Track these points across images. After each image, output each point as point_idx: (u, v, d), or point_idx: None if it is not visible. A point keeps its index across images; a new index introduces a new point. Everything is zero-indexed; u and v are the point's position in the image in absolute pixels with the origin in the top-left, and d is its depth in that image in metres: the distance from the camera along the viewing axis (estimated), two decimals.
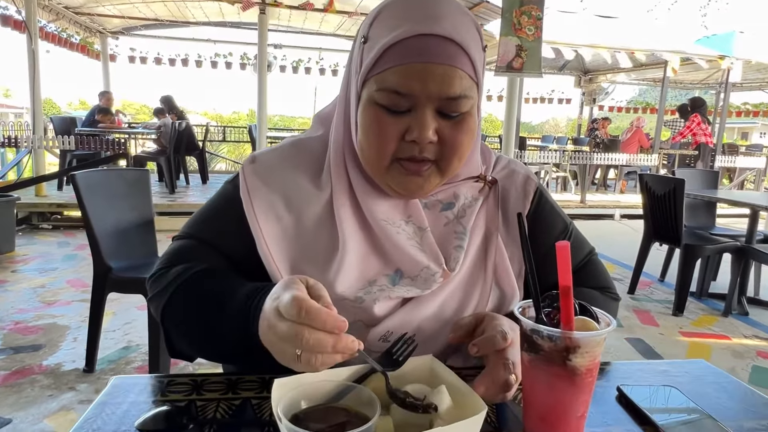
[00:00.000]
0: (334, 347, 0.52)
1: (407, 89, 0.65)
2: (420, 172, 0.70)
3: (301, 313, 0.51)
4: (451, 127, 0.69)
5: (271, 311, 0.56)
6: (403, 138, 0.68)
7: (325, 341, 0.51)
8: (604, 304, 0.82)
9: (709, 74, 10.22)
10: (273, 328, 0.54)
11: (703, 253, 3.45)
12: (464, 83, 0.67)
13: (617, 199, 7.90)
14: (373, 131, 0.69)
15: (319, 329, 0.52)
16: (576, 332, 0.52)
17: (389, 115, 0.67)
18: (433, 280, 0.73)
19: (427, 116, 0.66)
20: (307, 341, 0.51)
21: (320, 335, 0.51)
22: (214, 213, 0.80)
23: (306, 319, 0.51)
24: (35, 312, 3.11)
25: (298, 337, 0.51)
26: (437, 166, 0.71)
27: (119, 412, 0.59)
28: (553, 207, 0.86)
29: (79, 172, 2.25)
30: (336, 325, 0.52)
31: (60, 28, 7.73)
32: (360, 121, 0.70)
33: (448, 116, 0.68)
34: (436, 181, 0.72)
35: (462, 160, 0.72)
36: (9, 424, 1.97)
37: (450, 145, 0.69)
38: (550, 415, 0.55)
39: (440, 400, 0.55)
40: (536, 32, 4.91)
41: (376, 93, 0.67)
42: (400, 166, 0.70)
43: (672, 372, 0.75)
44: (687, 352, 2.93)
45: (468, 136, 0.70)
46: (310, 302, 0.52)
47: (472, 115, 0.70)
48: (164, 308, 0.72)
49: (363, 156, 0.72)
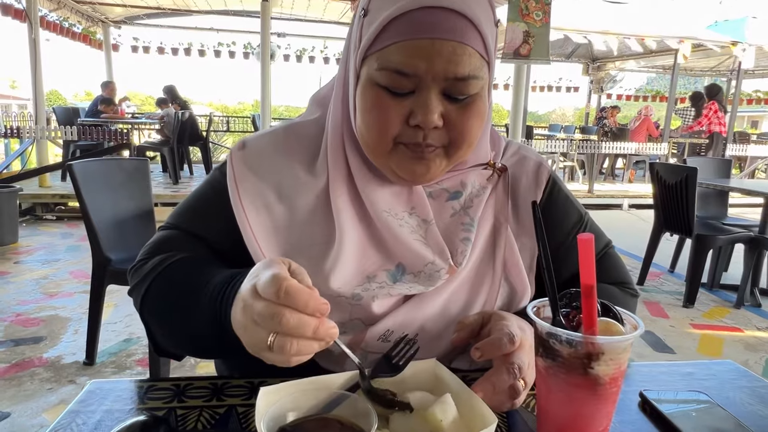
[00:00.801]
0: (314, 332, 0.46)
1: (411, 68, 0.59)
2: (425, 155, 0.64)
3: (280, 292, 0.45)
4: (459, 111, 0.62)
5: (247, 291, 0.49)
6: (406, 122, 0.62)
7: (306, 323, 0.45)
8: (623, 301, 0.75)
9: (720, 61, 10.03)
10: (248, 308, 0.48)
11: (715, 243, 3.37)
12: (474, 62, 0.60)
13: (625, 189, 7.78)
14: (373, 115, 0.62)
15: (300, 311, 0.46)
16: (599, 337, 0.45)
17: (391, 97, 0.61)
18: (438, 277, 0.67)
19: (432, 98, 0.60)
20: (287, 322, 0.45)
21: (301, 317, 0.45)
22: (200, 202, 0.75)
23: (286, 299, 0.45)
24: (37, 304, 3.08)
25: (276, 318, 0.45)
26: (444, 150, 0.65)
27: (91, 423, 0.54)
28: (568, 196, 0.80)
29: (76, 162, 2.20)
30: (318, 307, 0.46)
31: (62, 17, 7.66)
32: (359, 103, 0.64)
33: (456, 99, 0.62)
34: (442, 165, 0.66)
35: (471, 147, 0.66)
36: (7, 418, 1.95)
37: (458, 131, 0.63)
38: (568, 428, 0.49)
39: (445, 410, 0.49)
40: (544, 18, 4.80)
41: (376, 72, 0.61)
42: (405, 147, 0.64)
43: (698, 374, 0.69)
44: (698, 345, 2.87)
45: (477, 120, 0.63)
46: (291, 281, 0.46)
47: (482, 98, 0.63)
48: (142, 300, 0.67)
49: (363, 141, 0.66)
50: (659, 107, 10.71)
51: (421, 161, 0.64)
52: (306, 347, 0.47)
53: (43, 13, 6.84)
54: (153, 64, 27.95)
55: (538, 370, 0.51)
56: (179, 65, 22.81)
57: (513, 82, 6.10)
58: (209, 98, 29.36)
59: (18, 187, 4.46)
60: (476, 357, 0.56)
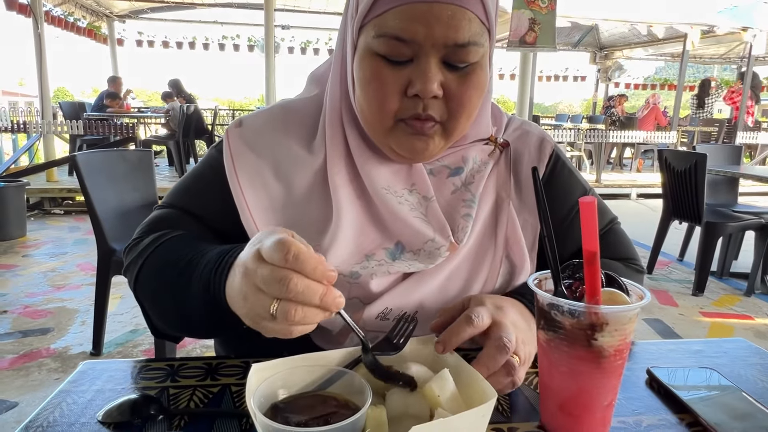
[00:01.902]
0: (321, 299, 0.44)
1: (409, 34, 0.57)
2: (424, 131, 0.61)
3: (289, 256, 0.43)
4: (459, 81, 0.60)
5: (250, 256, 0.46)
6: (405, 93, 0.60)
7: (314, 289, 0.43)
8: (627, 275, 0.73)
9: (731, 48, 9.86)
10: (250, 274, 0.46)
11: (724, 231, 3.31)
12: (473, 27, 0.58)
13: (633, 178, 7.70)
14: (372, 86, 0.60)
15: (308, 276, 0.43)
16: (603, 306, 0.43)
17: (389, 67, 0.59)
18: (439, 254, 0.65)
19: (431, 66, 0.58)
20: (294, 286, 0.42)
21: (309, 282, 0.43)
22: (196, 181, 0.73)
23: (294, 263, 0.43)
24: (45, 296, 3.10)
25: (283, 282, 0.43)
26: (443, 127, 0.62)
27: (82, 402, 0.53)
28: (571, 171, 0.77)
29: (80, 153, 2.20)
30: (326, 274, 0.44)
31: (66, 12, 7.67)
32: (357, 74, 0.62)
33: (455, 67, 0.59)
34: (441, 144, 0.64)
35: (470, 119, 0.64)
36: (15, 407, 1.96)
37: (457, 101, 0.60)
38: (572, 404, 0.47)
39: (442, 386, 0.48)
40: (550, 4, 4.73)
41: (374, 40, 0.59)
42: (405, 125, 0.62)
43: (707, 352, 0.67)
44: (708, 333, 2.83)
45: (477, 91, 0.61)
46: (299, 245, 0.44)
47: (482, 68, 0.61)
48: (136, 278, 0.66)
49: (362, 116, 0.64)
50: (668, 96, 10.55)
51: (421, 138, 0.62)
52: (311, 315, 0.44)
53: (48, 8, 6.85)
54: (158, 60, 27.97)
55: (540, 344, 0.49)
56: (184, 61, 22.83)
57: (519, 71, 6.03)
58: (215, 94, 29.39)
59: (26, 182, 4.48)
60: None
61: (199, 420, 0.51)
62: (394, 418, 0.47)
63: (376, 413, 0.45)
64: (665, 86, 11.97)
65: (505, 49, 4.89)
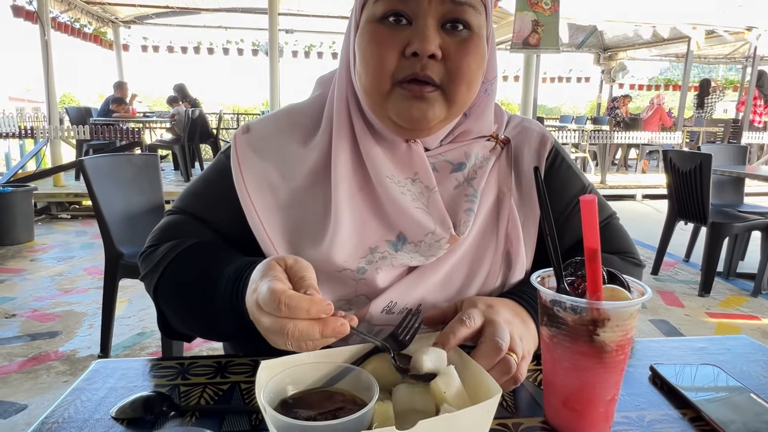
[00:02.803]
0: (322, 333, 0.47)
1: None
2: (423, 95, 0.62)
3: (281, 306, 0.46)
4: (458, 46, 0.62)
5: (252, 305, 0.51)
6: (403, 54, 0.61)
7: (311, 330, 0.46)
8: (625, 270, 0.73)
9: (735, 48, 9.82)
10: (257, 322, 0.50)
11: (730, 231, 3.30)
12: None
13: (639, 180, 7.68)
14: (370, 48, 0.62)
15: (305, 318, 0.46)
16: (605, 302, 0.44)
17: (388, 30, 0.61)
18: (439, 247, 0.66)
19: (429, 25, 0.60)
20: (292, 333, 0.46)
21: (305, 325, 0.46)
22: (205, 187, 0.75)
23: (287, 313, 0.46)
24: (53, 299, 3.13)
25: (282, 331, 0.46)
26: (443, 93, 0.63)
27: (95, 399, 0.54)
28: (570, 166, 0.78)
29: (87, 158, 2.22)
30: (321, 310, 0.46)
31: (72, 18, 7.74)
32: (357, 45, 0.64)
33: (454, 30, 0.61)
34: (441, 113, 0.63)
35: (471, 90, 0.64)
36: (25, 410, 1.98)
37: (456, 65, 0.61)
38: (575, 399, 0.48)
39: (448, 382, 0.49)
40: (553, 6, 4.73)
41: (374, 6, 0.61)
42: (402, 89, 0.62)
43: (711, 349, 0.67)
44: (714, 333, 2.82)
45: (475, 58, 0.63)
46: (289, 294, 0.47)
47: (480, 38, 0.63)
48: (156, 287, 0.68)
49: (361, 84, 0.65)
50: (672, 96, 10.53)
51: (419, 103, 0.62)
52: (321, 344, 0.48)
53: (54, 14, 6.91)
54: (163, 65, 28.18)
55: (543, 340, 0.50)
56: (189, 66, 22.93)
57: (522, 72, 6.03)
58: (220, 98, 29.56)
59: (33, 187, 4.52)
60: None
61: (209, 416, 0.52)
62: (401, 413, 0.48)
63: (383, 408, 0.46)
64: (669, 87, 11.93)
65: (508, 50, 4.89)
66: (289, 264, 0.51)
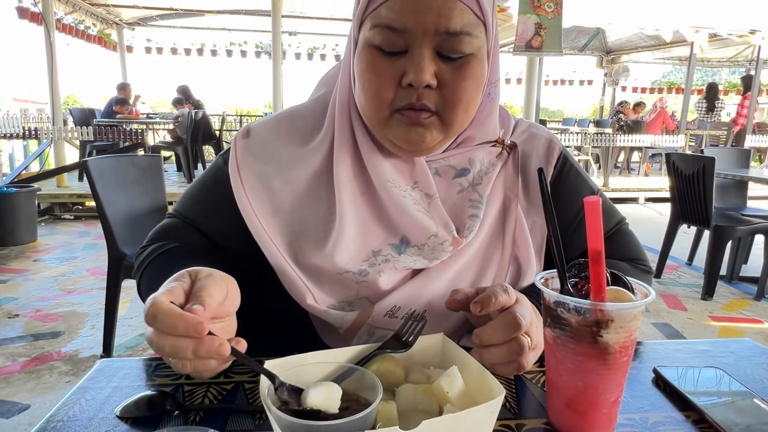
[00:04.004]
0: (195, 352, 0.45)
1: (401, 23, 0.59)
2: (420, 121, 0.62)
3: (148, 318, 0.45)
4: (453, 72, 0.61)
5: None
6: (400, 83, 0.61)
7: (181, 347, 0.45)
8: (634, 275, 0.73)
9: (739, 51, 9.81)
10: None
11: (734, 234, 3.29)
12: (465, 18, 0.59)
13: (641, 183, 7.67)
14: (367, 77, 0.62)
15: (173, 335, 0.45)
16: (608, 303, 0.44)
17: (385, 57, 0.61)
18: (442, 249, 0.66)
19: (424, 55, 0.59)
20: (161, 348, 0.45)
21: (174, 341, 0.45)
22: (203, 191, 0.76)
23: (157, 325, 0.45)
24: (55, 300, 3.13)
25: (153, 345, 0.46)
26: (440, 118, 0.63)
27: (100, 398, 0.54)
28: (579, 173, 0.78)
29: (91, 159, 2.23)
30: (188, 328, 0.44)
31: (77, 20, 7.78)
32: (356, 67, 0.64)
33: (450, 58, 0.61)
34: (439, 136, 0.64)
35: (468, 112, 0.64)
36: (27, 410, 1.98)
37: (452, 92, 0.61)
38: (578, 400, 0.48)
39: (451, 382, 0.49)
40: (556, 9, 4.74)
41: (370, 32, 0.61)
42: (401, 115, 0.63)
43: (714, 352, 0.67)
44: (718, 337, 2.81)
45: (472, 82, 0.62)
46: (161, 306, 0.45)
47: (478, 60, 0.62)
48: (138, 286, 0.71)
49: (361, 108, 0.66)
50: (676, 99, 10.51)
51: (417, 128, 0.63)
52: (202, 366, 0.47)
53: (59, 16, 6.94)
54: (166, 66, 28.23)
55: (547, 341, 0.50)
56: (193, 69, 22.97)
57: (525, 75, 6.04)
58: (223, 99, 29.59)
59: (36, 187, 4.54)
60: (476, 311, 0.54)
61: (214, 415, 0.52)
62: (404, 413, 0.48)
63: (387, 408, 0.46)
64: (672, 90, 11.92)
65: (511, 53, 4.90)
66: (197, 276, 0.51)
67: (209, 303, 0.47)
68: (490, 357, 0.54)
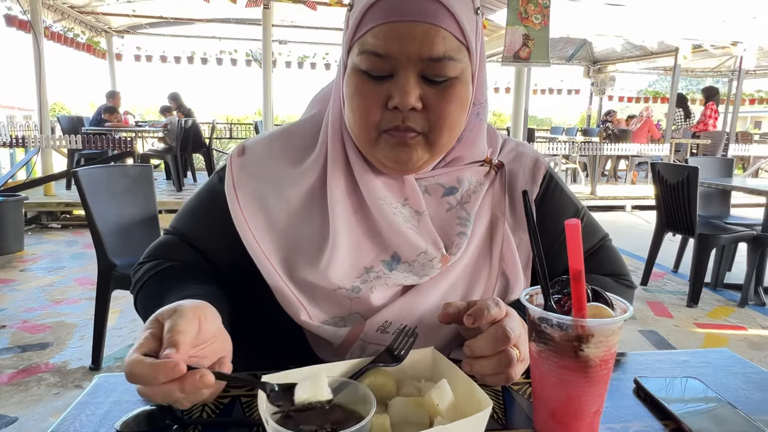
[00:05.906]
0: (182, 390, 0.48)
1: (385, 50, 0.61)
2: (406, 141, 0.65)
3: (133, 378, 0.48)
4: (438, 95, 0.64)
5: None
6: (386, 106, 0.64)
7: (169, 391, 0.48)
8: (617, 291, 0.77)
9: (721, 62, 10.02)
10: None
11: (717, 242, 3.36)
12: (448, 44, 0.62)
13: (628, 191, 7.77)
14: (356, 100, 0.65)
15: (157, 384, 0.48)
16: (588, 320, 0.47)
17: (371, 82, 0.64)
18: (431, 266, 0.69)
19: (408, 80, 0.62)
20: (153, 397, 0.49)
21: (160, 389, 0.48)
22: (199, 209, 0.78)
23: (140, 381, 0.48)
24: (43, 310, 3.10)
25: (143, 395, 0.49)
26: (425, 139, 0.66)
27: (99, 413, 0.56)
28: (563, 191, 0.81)
29: (81, 169, 2.23)
30: (169, 373, 0.47)
31: (66, 27, 7.74)
32: (345, 91, 0.67)
33: (434, 81, 0.63)
34: (425, 156, 0.67)
35: (453, 133, 0.67)
36: (15, 423, 1.96)
37: (437, 114, 0.64)
38: (562, 410, 0.50)
39: (441, 395, 0.51)
40: (543, 21, 4.82)
41: (357, 58, 0.64)
42: (388, 135, 0.66)
43: (693, 362, 0.70)
44: (703, 344, 2.86)
45: (456, 105, 0.65)
46: (136, 364, 0.48)
47: (462, 82, 0.65)
48: (135, 304, 0.73)
49: (351, 129, 0.68)
50: (661, 108, 10.69)
51: (404, 148, 0.66)
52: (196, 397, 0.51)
53: (48, 23, 6.91)
54: (156, 74, 28.14)
55: (532, 355, 0.52)
56: (182, 77, 22.92)
57: (514, 85, 6.11)
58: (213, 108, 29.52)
59: (23, 196, 4.49)
60: (469, 323, 0.57)
61: (212, 429, 0.53)
62: (397, 426, 0.50)
63: (380, 421, 0.48)
64: (658, 99, 12.12)
65: (500, 63, 4.97)
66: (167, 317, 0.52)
67: (182, 341, 0.49)
68: (481, 368, 0.56)
